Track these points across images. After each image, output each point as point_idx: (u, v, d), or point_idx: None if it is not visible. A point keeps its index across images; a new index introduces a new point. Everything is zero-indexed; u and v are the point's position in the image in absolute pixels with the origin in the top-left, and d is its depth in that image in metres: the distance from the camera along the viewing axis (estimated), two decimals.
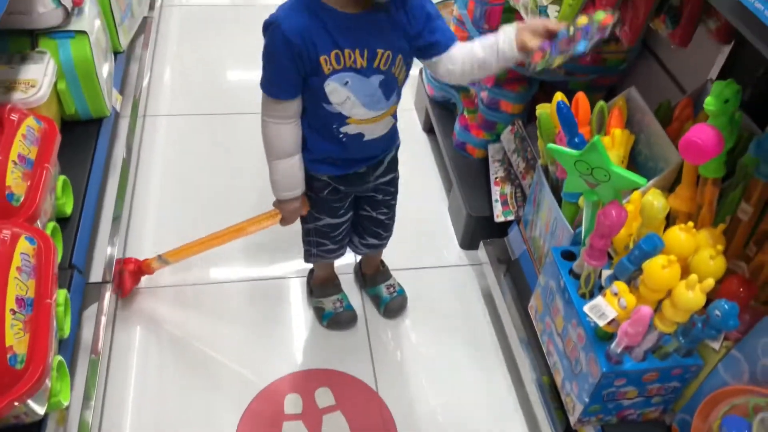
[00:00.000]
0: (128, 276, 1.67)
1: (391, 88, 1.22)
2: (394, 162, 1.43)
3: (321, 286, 1.68)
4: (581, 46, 1.09)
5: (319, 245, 1.52)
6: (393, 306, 1.70)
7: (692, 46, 1.35)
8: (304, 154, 1.31)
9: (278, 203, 1.37)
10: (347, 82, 1.16)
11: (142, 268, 1.69)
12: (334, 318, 1.65)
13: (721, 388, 1.09)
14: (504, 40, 1.15)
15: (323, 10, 1.10)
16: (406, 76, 1.25)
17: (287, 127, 1.24)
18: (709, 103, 1.02)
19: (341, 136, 1.24)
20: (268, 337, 1.64)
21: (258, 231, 1.49)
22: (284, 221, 1.41)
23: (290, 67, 1.13)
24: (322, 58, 1.12)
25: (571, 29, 1.10)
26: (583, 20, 1.11)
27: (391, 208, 1.52)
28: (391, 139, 1.35)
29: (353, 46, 1.12)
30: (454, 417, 1.53)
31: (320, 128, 1.25)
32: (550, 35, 1.12)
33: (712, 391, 1.12)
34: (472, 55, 1.20)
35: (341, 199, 1.42)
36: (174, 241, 1.82)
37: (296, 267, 1.79)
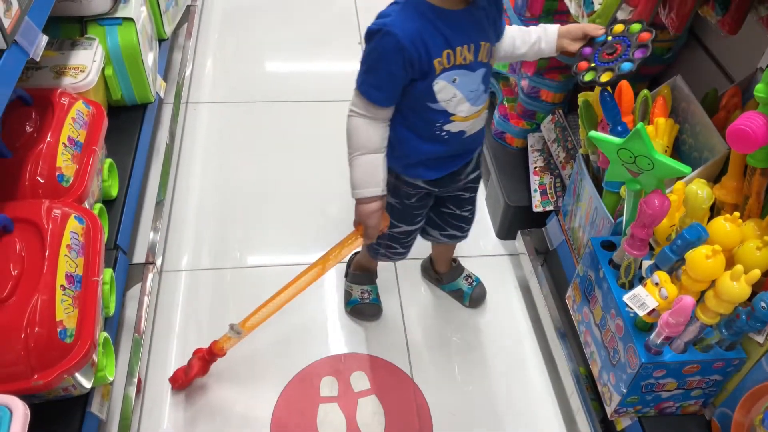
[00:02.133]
0: (199, 367, 1.46)
1: (488, 80, 1.21)
2: (479, 157, 1.40)
3: (358, 272, 1.69)
4: (626, 66, 1.16)
5: (389, 248, 1.49)
6: (476, 295, 1.71)
7: (741, 34, 1.32)
8: (397, 160, 1.26)
9: (358, 206, 1.26)
10: (455, 80, 1.14)
11: (214, 353, 1.45)
12: (358, 307, 1.66)
13: (764, 383, 1.07)
14: (546, 42, 1.25)
15: (431, 10, 1.09)
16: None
17: (377, 126, 1.19)
18: (760, 90, 1.00)
19: (444, 134, 1.21)
20: (306, 322, 1.67)
21: (340, 261, 1.35)
22: (366, 234, 1.27)
23: (400, 75, 1.11)
24: (435, 61, 1.10)
25: (610, 37, 1.19)
26: (619, 28, 1.20)
27: (474, 203, 1.49)
28: (483, 132, 1.31)
29: (462, 42, 1.12)
30: (488, 405, 1.53)
31: (422, 128, 1.21)
32: (590, 40, 1.22)
33: (755, 385, 1.10)
34: (513, 49, 1.27)
35: (426, 205, 1.41)
36: (215, 229, 1.87)
37: None
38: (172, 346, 1.59)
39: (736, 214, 1.05)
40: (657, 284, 1.08)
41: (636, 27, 1.20)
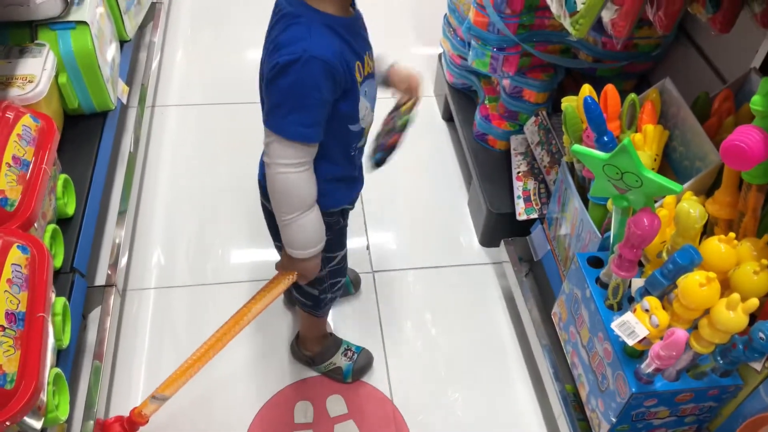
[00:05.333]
0: None
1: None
2: None
3: (322, 347, 1.50)
4: (377, 158, 1.21)
5: (334, 286, 1.36)
6: (360, 367, 1.51)
7: (734, 32, 1.23)
8: (320, 197, 1.14)
9: (299, 263, 1.13)
10: (366, 91, 1.05)
11: (134, 421, 1.27)
12: (355, 369, 1.50)
13: (763, 413, 1.01)
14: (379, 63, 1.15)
15: (335, 22, 0.97)
16: None
17: (308, 173, 1.04)
18: (756, 102, 0.91)
19: (354, 153, 1.14)
20: (280, 342, 1.58)
21: (268, 305, 1.22)
22: (304, 279, 1.18)
23: (330, 101, 0.99)
24: (356, 75, 1.00)
25: (402, 119, 1.18)
26: (405, 112, 1.19)
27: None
28: None
29: (365, 50, 1.05)
30: (471, 424, 1.46)
31: (336, 153, 1.10)
32: (409, 92, 1.19)
33: (752, 413, 1.04)
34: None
35: (345, 219, 1.30)
36: (186, 242, 1.77)
37: None
38: (138, 373, 1.50)
39: (732, 234, 0.98)
40: (647, 311, 1.00)
41: (405, 107, 1.18)
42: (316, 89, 0.94)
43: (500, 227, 1.73)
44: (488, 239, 1.79)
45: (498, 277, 1.75)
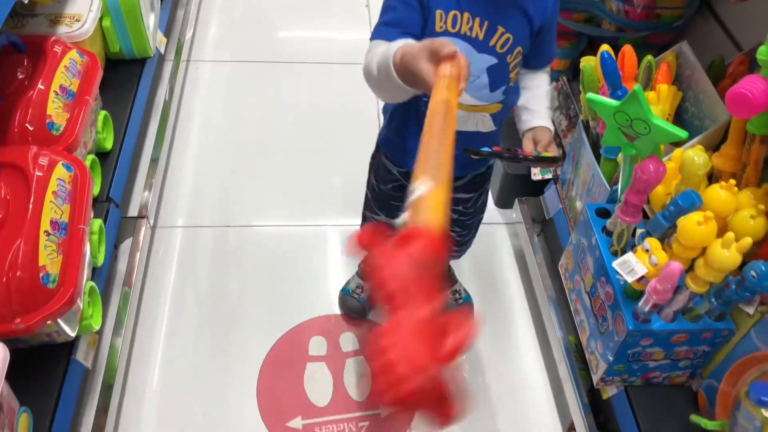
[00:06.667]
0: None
1: (500, 80, 1.08)
2: (482, 180, 1.28)
3: (365, 267, 1.60)
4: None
5: (371, 211, 1.39)
6: None
7: (753, 1, 1.28)
8: (385, 128, 1.18)
9: (403, 71, 0.89)
10: None
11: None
12: (345, 297, 1.60)
13: (752, 354, 1.06)
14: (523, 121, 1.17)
15: None
16: (517, 76, 1.12)
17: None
18: (762, 53, 0.96)
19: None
20: (300, 282, 1.66)
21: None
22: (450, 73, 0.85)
23: (414, 4, 0.98)
24: (438, 12, 1.00)
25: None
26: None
27: (466, 227, 1.37)
28: (485, 158, 1.17)
29: (474, 12, 1.00)
30: (477, 371, 1.53)
31: (405, 107, 1.09)
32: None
33: (743, 356, 1.09)
34: (531, 98, 1.18)
35: (404, 199, 1.30)
36: (213, 190, 1.86)
37: (332, 216, 1.81)
38: (164, 302, 1.59)
39: (732, 181, 1.03)
40: (647, 251, 1.06)
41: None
42: None
43: (515, 188, 1.79)
44: (503, 200, 1.85)
45: (511, 236, 1.81)
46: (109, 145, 1.54)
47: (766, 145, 1.06)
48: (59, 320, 1.11)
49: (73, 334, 1.17)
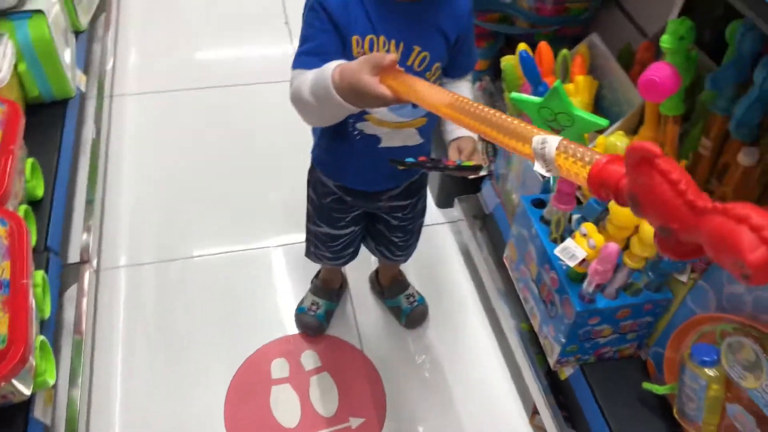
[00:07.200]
0: None
1: None
2: (418, 186, 1.31)
3: (319, 284, 1.64)
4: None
5: (317, 247, 1.43)
6: (414, 316, 1.64)
7: None
8: (315, 149, 1.22)
9: (341, 95, 0.91)
10: None
11: None
12: (301, 316, 1.61)
13: (689, 319, 1.13)
14: (451, 131, 1.16)
15: None
16: None
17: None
18: (665, 41, 1.04)
19: (356, 133, 1.13)
20: (252, 307, 1.66)
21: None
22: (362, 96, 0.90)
23: (329, 29, 1.00)
24: (354, 38, 1.01)
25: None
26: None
27: (408, 232, 1.41)
28: (416, 165, 1.19)
29: (390, 35, 1.02)
30: (439, 371, 1.57)
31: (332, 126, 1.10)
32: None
33: (682, 322, 1.16)
34: None
35: (344, 210, 1.31)
36: (151, 226, 1.83)
37: (275, 236, 1.81)
38: (117, 346, 1.56)
39: None
40: (585, 235, 1.12)
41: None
42: (314, 20, 1.00)
43: (453, 187, 1.84)
44: (443, 200, 1.90)
45: (454, 234, 1.86)
46: (40, 192, 1.50)
47: (678, 125, 1.14)
48: (13, 380, 1.08)
49: (28, 393, 1.14)
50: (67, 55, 1.77)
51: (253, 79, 2.32)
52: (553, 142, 0.67)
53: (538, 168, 0.69)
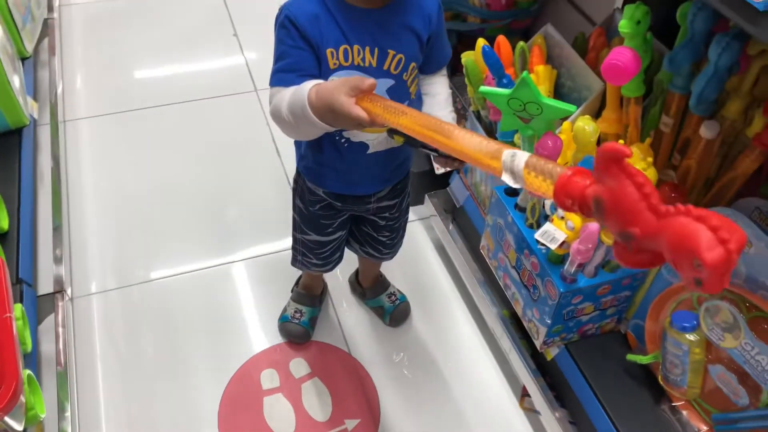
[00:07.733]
0: None
1: (401, 97, 1.10)
2: (402, 185, 1.33)
3: (301, 291, 1.64)
4: None
5: (304, 255, 1.43)
6: (397, 315, 1.66)
7: None
8: (301, 160, 1.23)
9: (319, 115, 0.92)
10: None
11: None
12: (285, 324, 1.61)
13: (665, 289, 1.19)
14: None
15: (332, 1, 1.02)
16: (417, 86, 1.15)
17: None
18: (623, 26, 1.09)
19: (343, 141, 1.14)
20: (233, 321, 1.65)
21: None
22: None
23: (303, 47, 1.01)
24: (328, 51, 1.02)
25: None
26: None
27: (395, 231, 1.43)
28: (400, 165, 1.25)
29: (363, 42, 1.03)
30: (426, 365, 1.59)
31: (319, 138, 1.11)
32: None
33: (659, 293, 1.22)
34: (433, 104, 1.22)
35: (333, 216, 1.33)
36: (117, 247, 1.81)
37: (246, 248, 1.81)
38: (99, 374, 1.53)
39: (621, 141, 1.15)
40: (563, 218, 1.16)
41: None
42: (286, 38, 1.01)
43: (423, 184, 1.87)
44: (414, 197, 1.92)
45: (427, 230, 1.89)
46: (5, 225, 1.46)
47: (640, 105, 1.19)
48: (6, 417, 1.05)
49: (20, 429, 1.12)
50: (16, 82, 1.72)
51: (208, 93, 2.30)
52: (522, 157, 0.69)
53: (507, 179, 0.71)
